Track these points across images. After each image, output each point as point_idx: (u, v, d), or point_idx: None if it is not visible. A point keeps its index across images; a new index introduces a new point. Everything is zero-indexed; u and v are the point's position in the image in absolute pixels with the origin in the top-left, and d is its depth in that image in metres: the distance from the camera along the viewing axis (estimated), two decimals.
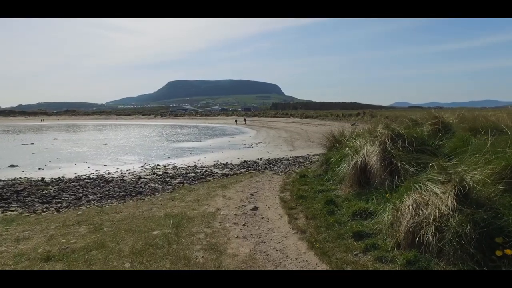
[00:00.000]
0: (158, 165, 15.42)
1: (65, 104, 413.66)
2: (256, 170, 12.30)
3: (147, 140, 32.20)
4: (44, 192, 9.96)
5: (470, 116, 7.12)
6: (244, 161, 15.42)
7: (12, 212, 7.85)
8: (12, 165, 16.04)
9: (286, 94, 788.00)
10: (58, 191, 10.06)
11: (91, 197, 9.25)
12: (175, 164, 15.51)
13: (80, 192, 9.91)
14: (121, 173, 13.41)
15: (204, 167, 14.16)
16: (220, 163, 15.17)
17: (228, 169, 13.21)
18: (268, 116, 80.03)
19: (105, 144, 27.54)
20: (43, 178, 12.28)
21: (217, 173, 12.33)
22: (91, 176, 12.76)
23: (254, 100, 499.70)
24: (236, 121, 67.10)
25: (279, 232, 5.39)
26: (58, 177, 12.51)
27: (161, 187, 10.17)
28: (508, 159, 4.11)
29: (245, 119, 70.09)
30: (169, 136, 38.00)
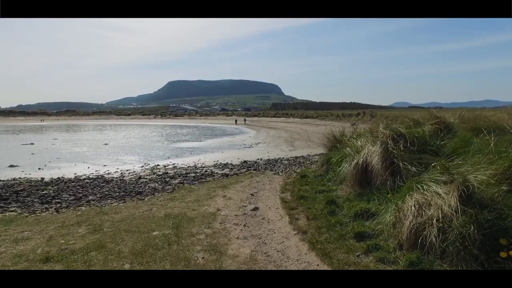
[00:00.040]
0: (158, 165, 15.39)
1: (65, 104, 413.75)
2: (256, 170, 12.26)
3: (147, 140, 32.16)
4: (44, 192, 9.93)
5: (471, 116, 7.09)
6: (244, 161, 15.39)
7: (12, 213, 7.82)
8: (12, 165, 16.02)
9: (286, 94, 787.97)
10: (58, 191, 10.03)
11: (91, 197, 9.22)
12: (175, 164, 15.47)
13: (80, 192, 9.88)
14: (121, 173, 13.38)
15: (204, 167, 14.13)
16: (220, 163, 15.14)
17: (228, 169, 13.18)
18: (268, 116, 79.99)
19: (105, 144, 27.50)
20: (43, 178, 12.25)
21: (217, 173, 12.30)
22: (91, 176, 12.73)
23: (254, 100, 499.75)
24: (236, 121, 67.07)
25: (280, 233, 5.35)
26: (58, 177, 12.48)
27: (161, 187, 10.14)
28: None
29: (245, 119, 70.05)
30: (169, 136, 37.97)
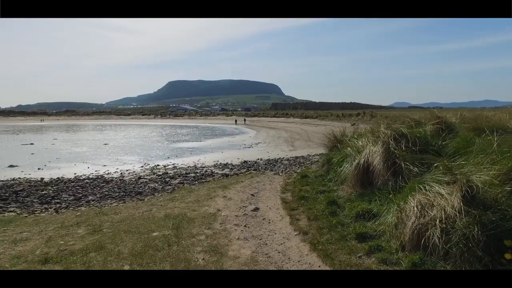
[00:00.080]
0: (158, 165, 15.35)
1: (65, 104, 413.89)
2: (257, 170, 12.22)
3: (147, 140, 32.12)
4: (43, 193, 9.89)
5: (472, 116, 7.04)
6: (244, 161, 15.35)
7: (11, 213, 7.77)
8: (12, 165, 15.98)
9: (286, 94, 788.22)
10: (58, 192, 9.99)
11: (91, 198, 9.17)
12: (175, 164, 15.43)
13: (80, 193, 9.83)
14: (121, 173, 13.33)
15: (204, 167, 14.09)
16: (220, 163, 15.10)
17: (228, 169, 13.14)
18: (268, 116, 79.92)
19: (105, 144, 27.46)
20: (43, 179, 12.21)
21: (217, 173, 12.26)
22: (91, 177, 12.69)
23: (254, 100, 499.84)
24: (236, 121, 67.02)
25: (281, 234, 5.32)
26: (58, 178, 12.44)
27: (161, 188, 10.10)
28: None
29: (245, 119, 69.99)
30: (169, 136, 37.93)
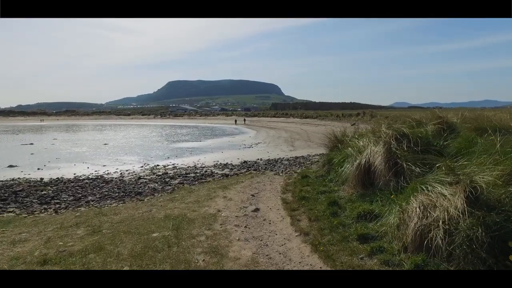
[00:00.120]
0: (158, 166, 15.31)
1: (65, 104, 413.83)
2: (257, 171, 12.18)
3: (147, 140, 32.07)
4: (43, 193, 9.85)
5: (472, 116, 7.00)
6: (244, 161, 15.31)
7: (10, 213, 7.73)
8: (11, 165, 15.94)
9: (286, 94, 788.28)
10: (57, 192, 9.95)
11: (90, 198, 9.13)
12: (175, 165, 15.39)
13: (79, 193, 9.79)
14: (121, 174, 13.29)
15: (204, 168, 14.04)
16: (220, 163, 15.06)
17: (228, 170, 13.10)
18: (268, 116, 79.90)
19: (105, 144, 27.42)
20: (42, 179, 12.17)
21: (217, 174, 12.22)
22: (90, 177, 12.65)
23: (254, 100, 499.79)
24: (236, 121, 66.98)
25: (282, 235, 5.28)
26: (57, 178, 12.40)
27: (161, 188, 10.05)
28: None
29: (245, 119, 69.95)
30: (169, 136, 37.89)
